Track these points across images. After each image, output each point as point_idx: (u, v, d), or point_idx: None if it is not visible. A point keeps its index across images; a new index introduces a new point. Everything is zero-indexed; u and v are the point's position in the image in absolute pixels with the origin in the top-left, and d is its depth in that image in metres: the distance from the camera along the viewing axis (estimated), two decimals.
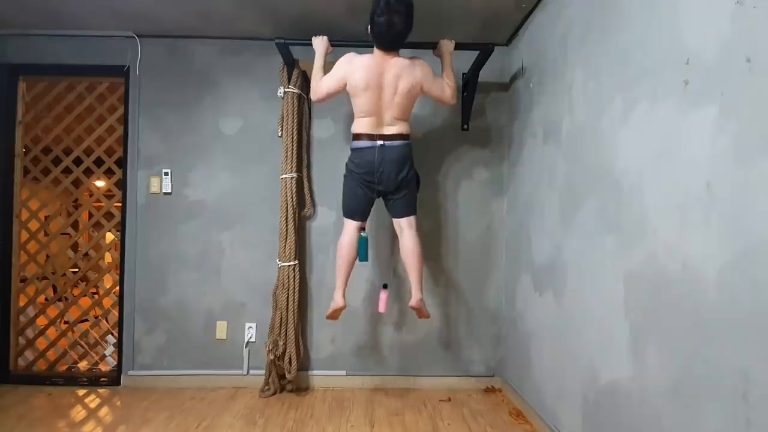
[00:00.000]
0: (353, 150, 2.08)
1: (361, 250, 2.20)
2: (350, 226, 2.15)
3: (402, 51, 2.57)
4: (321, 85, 2.11)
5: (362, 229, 2.21)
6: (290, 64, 2.48)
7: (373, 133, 2.02)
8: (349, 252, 2.14)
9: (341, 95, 2.13)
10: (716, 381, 1.06)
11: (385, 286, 2.30)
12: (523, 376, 2.32)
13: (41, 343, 2.75)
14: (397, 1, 1.85)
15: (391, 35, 1.90)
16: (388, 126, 2.03)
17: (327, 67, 2.17)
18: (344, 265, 2.14)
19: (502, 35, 2.55)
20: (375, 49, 2.00)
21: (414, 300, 2.08)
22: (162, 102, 2.61)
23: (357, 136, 2.05)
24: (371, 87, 1.97)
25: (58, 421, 2.14)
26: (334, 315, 2.17)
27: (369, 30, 1.96)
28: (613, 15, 1.53)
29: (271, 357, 2.42)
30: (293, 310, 2.46)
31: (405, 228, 2.13)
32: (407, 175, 2.07)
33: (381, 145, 2.00)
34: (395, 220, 2.16)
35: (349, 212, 2.15)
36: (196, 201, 2.62)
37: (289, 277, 2.45)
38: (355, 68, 1.99)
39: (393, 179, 2.04)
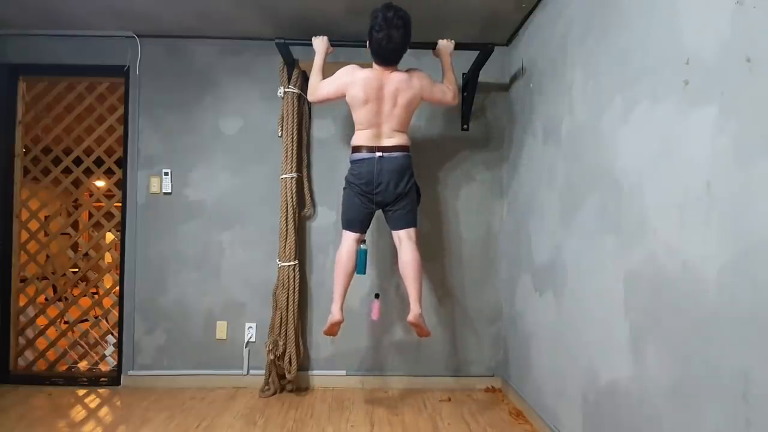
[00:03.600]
0: (352, 162, 2.07)
1: (360, 263, 2.14)
2: (349, 237, 2.11)
3: None
4: (320, 88, 2.12)
5: (362, 241, 2.16)
6: (290, 64, 2.48)
7: (372, 145, 2.02)
8: (347, 264, 2.09)
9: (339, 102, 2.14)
10: (716, 381, 1.06)
11: (377, 296, 2.30)
12: (523, 376, 2.32)
13: (41, 343, 2.75)
14: (394, 16, 1.86)
15: (390, 50, 1.91)
16: (387, 138, 2.03)
17: (326, 67, 2.18)
18: (342, 276, 2.08)
19: (502, 35, 2.55)
20: (374, 64, 2.02)
21: (412, 315, 1.99)
22: (162, 102, 2.61)
23: (356, 149, 2.05)
24: (371, 100, 1.99)
25: (58, 421, 2.14)
26: (332, 330, 2.10)
27: (368, 45, 1.98)
28: (613, 15, 1.53)
29: (271, 357, 2.42)
30: (293, 310, 2.46)
31: (404, 240, 2.07)
32: (406, 186, 2.05)
33: (380, 156, 2.00)
34: (394, 233, 2.11)
35: (348, 223, 2.12)
36: (196, 201, 2.62)
37: (289, 277, 2.45)
38: (356, 81, 2.00)
39: (392, 190, 2.02)
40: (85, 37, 2.58)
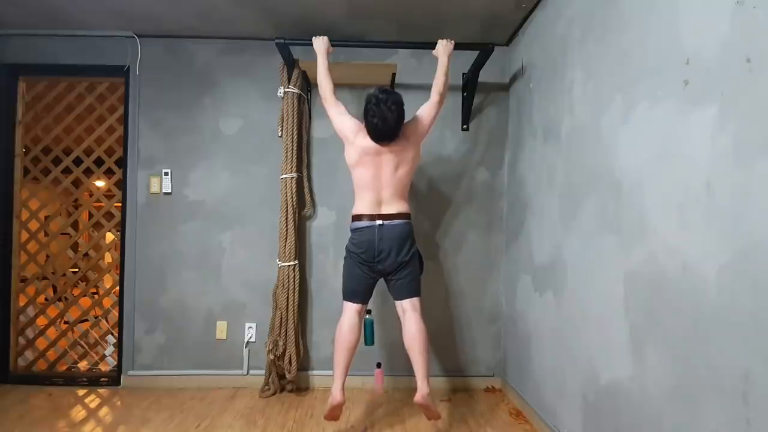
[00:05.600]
0: (353, 231, 2.03)
1: (368, 334, 2.08)
2: (350, 308, 2.02)
3: (402, 51, 2.59)
4: (330, 108, 2.09)
5: (367, 312, 2.08)
6: (290, 64, 2.47)
7: (372, 213, 1.98)
8: (348, 337, 1.97)
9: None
10: (716, 381, 1.06)
11: (378, 365, 2.19)
12: (523, 376, 2.32)
13: (41, 343, 2.75)
14: (388, 100, 1.87)
15: (385, 131, 1.91)
16: (388, 205, 1.99)
17: (329, 67, 2.16)
18: (343, 352, 1.96)
19: (502, 35, 2.55)
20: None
21: (420, 395, 1.87)
22: (162, 102, 2.61)
23: (356, 217, 2.02)
24: (366, 166, 1.98)
25: (58, 421, 2.14)
26: (333, 414, 1.95)
27: (363, 125, 1.97)
28: (613, 15, 1.53)
29: (271, 357, 2.42)
30: (293, 310, 2.46)
31: (408, 310, 1.99)
32: (408, 254, 1.99)
33: (380, 224, 1.97)
34: (397, 303, 2.04)
35: (348, 293, 2.04)
36: (196, 201, 2.62)
37: (289, 277, 2.45)
38: (355, 145, 1.99)
39: (393, 258, 1.96)
40: (85, 37, 2.58)
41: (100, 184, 5.01)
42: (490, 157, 2.67)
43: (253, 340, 2.60)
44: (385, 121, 1.88)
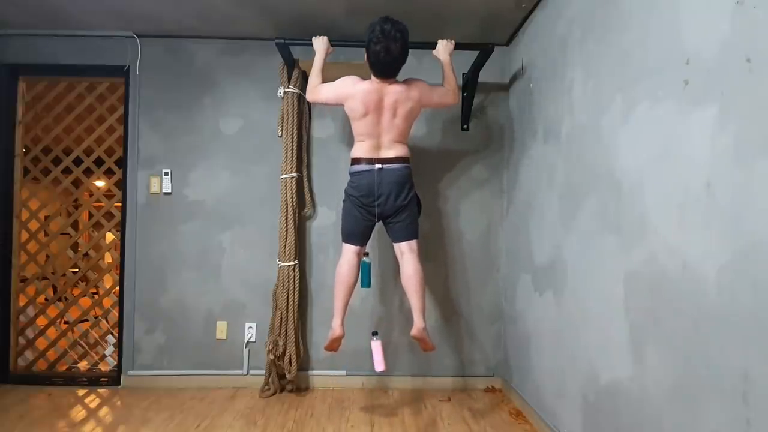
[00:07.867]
0: (352, 174, 2.05)
1: (364, 277, 2.12)
2: (348, 250, 2.07)
3: None
4: (319, 92, 2.11)
5: (365, 254, 2.13)
6: (290, 64, 2.48)
7: (371, 157, 2.00)
8: (347, 277, 2.05)
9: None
10: (716, 381, 1.06)
11: (375, 334, 2.08)
12: (523, 376, 2.32)
13: (41, 343, 2.75)
14: (392, 28, 1.86)
15: (388, 63, 1.90)
16: (387, 149, 2.01)
17: (326, 67, 2.18)
18: (342, 291, 2.04)
19: (502, 35, 2.55)
20: (372, 77, 2.00)
21: (416, 329, 1.96)
22: (162, 102, 2.61)
23: (355, 161, 2.03)
24: (370, 112, 1.98)
25: (58, 421, 2.14)
26: (333, 346, 2.06)
27: (365, 58, 1.97)
28: (614, 15, 1.53)
29: (271, 357, 2.42)
30: (293, 310, 2.46)
31: (406, 252, 2.04)
32: (407, 198, 2.02)
33: (379, 168, 1.98)
34: (395, 245, 2.08)
35: (347, 236, 2.08)
36: (196, 201, 2.62)
37: (289, 277, 2.45)
38: (356, 94, 1.99)
39: (392, 202, 1.99)
40: (85, 37, 2.58)
41: (100, 184, 5.00)
42: (490, 157, 2.67)
43: (253, 340, 2.60)
44: (389, 52, 1.87)
